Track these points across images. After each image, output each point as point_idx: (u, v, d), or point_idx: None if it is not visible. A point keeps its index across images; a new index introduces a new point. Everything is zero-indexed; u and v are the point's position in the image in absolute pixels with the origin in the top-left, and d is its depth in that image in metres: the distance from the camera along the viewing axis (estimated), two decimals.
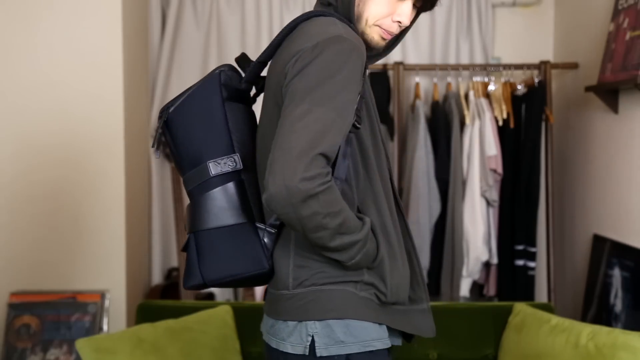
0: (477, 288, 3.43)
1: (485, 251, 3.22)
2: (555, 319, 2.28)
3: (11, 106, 2.90)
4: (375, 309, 1.36)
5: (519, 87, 3.29)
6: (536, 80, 3.24)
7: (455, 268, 3.21)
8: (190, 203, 1.41)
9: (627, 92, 2.70)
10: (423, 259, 3.21)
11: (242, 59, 1.47)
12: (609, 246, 2.82)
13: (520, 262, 3.22)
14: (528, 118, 3.23)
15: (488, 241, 3.25)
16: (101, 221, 2.95)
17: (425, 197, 3.21)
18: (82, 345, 2.18)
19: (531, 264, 3.22)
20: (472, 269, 3.20)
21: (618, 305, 2.68)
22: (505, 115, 3.21)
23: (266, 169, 1.21)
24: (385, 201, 1.39)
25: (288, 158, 1.17)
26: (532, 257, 3.22)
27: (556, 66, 3.29)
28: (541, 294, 3.47)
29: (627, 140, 2.71)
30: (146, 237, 3.45)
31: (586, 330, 2.13)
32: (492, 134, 3.19)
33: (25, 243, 2.92)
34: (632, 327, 2.48)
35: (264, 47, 1.43)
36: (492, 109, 3.23)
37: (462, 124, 3.25)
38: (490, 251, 3.25)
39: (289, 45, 1.33)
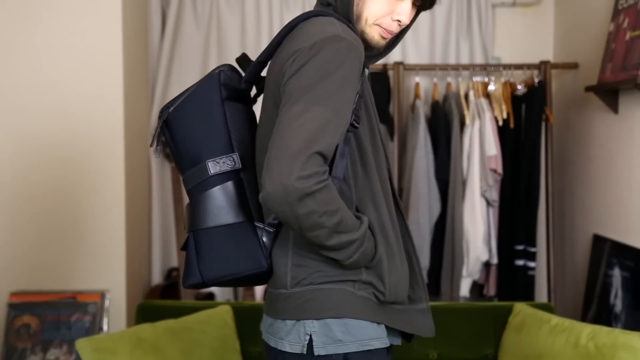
0: (477, 288, 3.42)
1: (485, 251, 3.22)
2: (555, 319, 2.28)
3: (11, 106, 2.90)
4: (373, 308, 1.36)
5: (519, 87, 3.29)
6: (536, 80, 3.24)
7: (455, 268, 3.21)
8: (189, 202, 1.41)
9: (627, 92, 2.70)
10: (423, 259, 3.21)
11: (243, 59, 1.48)
12: (609, 246, 2.82)
13: (520, 262, 3.22)
14: (528, 118, 3.23)
15: (488, 241, 3.25)
16: (101, 221, 2.95)
17: (425, 197, 3.21)
18: (82, 345, 2.18)
19: (531, 264, 3.22)
20: (472, 269, 3.20)
21: (618, 305, 2.68)
22: (505, 115, 3.21)
23: (263, 168, 1.21)
24: (383, 200, 1.39)
25: (285, 156, 1.17)
26: (532, 257, 3.22)
27: (556, 66, 3.29)
28: (541, 294, 3.47)
29: (627, 140, 2.71)
30: (146, 237, 3.45)
31: (586, 330, 2.13)
32: (492, 134, 3.19)
33: (25, 243, 2.93)
34: (632, 327, 2.48)
35: (264, 47, 1.43)
36: (492, 109, 3.23)
37: (462, 124, 3.25)
38: (490, 251, 3.25)
39: (288, 45, 1.34)
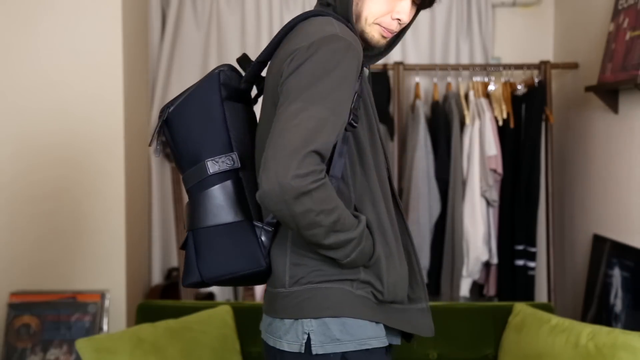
0: (477, 288, 3.42)
1: (485, 251, 3.22)
2: (555, 319, 2.28)
3: (11, 106, 2.90)
4: (372, 308, 1.36)
5: (519, 87, 3.29)
6: (536, 80, 3.24)
7: (455, 268, 3.21)
8: (189, 201, 1.42)
9: (627, 92, 2.70)
10: (423, 259, 3.21)
11: (243, 60, 1.49)
12: (609, 246, 2.82)
13: (520, 262, 3.22)
14: (528, 118, 3.23)
15: (488, 241, 3.25)
16: (101, 221, 2.95)
17: (425, 197, 3.21)
18: (82, 345, 2.18)
19: (531, 264, 3.22)
20: (472, 269, 3.20)
21: (618, 305, 2.68)
22: (505, 115, 3.21)
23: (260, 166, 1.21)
24: (382, 200, 1.39)
25: (281, 155, 1.17)
26: (532, 257, 3.21)
27: (556, 66, 3.29)
28: (541, 294, 3.47)
29: (627, 140, 2.71)
30: (146, 237, 3.45)
31: (586, 330, 2.13)
32: (492, 134, 3.19)
33: (25, 243, 2.93)
34: (632, 327, 2.48)
35: (264, 47, 1.43)
36: (492, 109, 3.23)
37: (462, 124, 3.24)
38: (490, 251, 3.25)
39: (287, 44, 1.34)
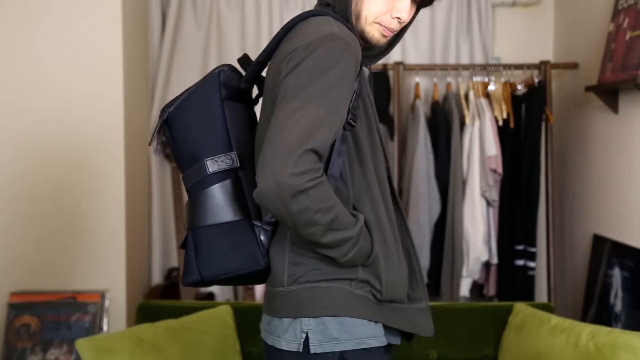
0: (477, 288, 3.42)
1: (485, 251, 3.22)
2: (555, 319, 2.28)
3: (11, 106, 2.90)
4: (371, 307, 1.36)
5: (519, 87, 3.29)
6: (536, 80, 3.24)
7: (455, 268, 3.21)
8: (188, 200, 1.42)
9: (627, 92, 2.70)
10: (423, 259, 3.20)
11: (244, 60, 1.49)
12: (609, 246, 2.82)
13: (520, 262, 3.22)
14: (528, 118, 3.23)
15: (488, 241, 3.25)
16: (101, 221, 2.95)
17: (425, 197, 3.21)
18: (82, 345, 2.18)
19: (531, 264, 3.22)
20: (472, 269, 3.20)
21: (618, 305, 2.68)
22: (505, 115, 3.21)
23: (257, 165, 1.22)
24: (381, 199, 1.39)
25: (278, 154, 1.18)
26: (532, 257, 3.21)
27: (556, 66, 3.29)
28: (541, 294, 3.47)
29: (627, 140, 2.71)
30: (146, 237, 3.45)
31: (586, 330, 2.13)
32: (492, 134, 3.19)
33: (25, 243, 2.92)
34: (632, 327, 2.48)
35: (264, 47, 1.43)
36: (492, 109, 3.23)
37: (462, 124, 3.24)
38: (490, 251, 3.25)
39: (286, 44, 1.35)
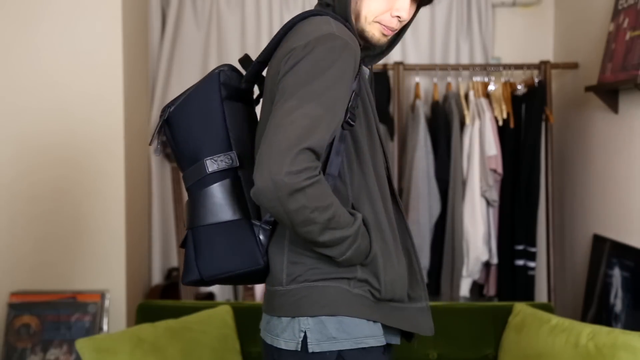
0: (477, 288, 3.42)
1: (485, 251, 3.22)
2: (555, 319, 2.28)
3: (11, 106, 2.90)
4: (369, 306, 1.36)
5: (519, 87, 3.29)
6: (536, 80, 3.24)
7: (455, 268, 3.21)
8: (188, 199, 1.43)
9: (627, 92, 2.70)
10: (423, 259, 3.21)
11: (245, 60, 1.49)
12: (609, 246, 2.82)
13: (520, 262, 3.22)
14: (528, 118, 3.23)
15: (488, 241, 3.25)
16: (101, 221, 2.95)
17: (425, 197, 3.21)
18: (82, 345, 2.18)
19: (531, 264, 3.22)
20: (472, 269, 3.20)
21: (618, 305, 2.68)
22: (505, 115, 3.21)
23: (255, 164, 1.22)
24: (380, 199, 1.39)
25: (275, 152, 1.18)
26: (532, 257, 3.21)
27: (556, 66, 3.29)
28: (541, 294, 3.47)
29: (627, 140, 2.71)
30: (146, 237, 3.45)
31: (586, 330, 2.13)
32: (492, 134, 3.19)
33: (25, 243, 2.93)
34: (632, 327, 2.48)
35: (264, 47, 1.44)
36: (492, 109, 3.23)
37: (462, 124, 3.24)
38: (490, 251, 3.25)
39: (285, 44, 1.35)
